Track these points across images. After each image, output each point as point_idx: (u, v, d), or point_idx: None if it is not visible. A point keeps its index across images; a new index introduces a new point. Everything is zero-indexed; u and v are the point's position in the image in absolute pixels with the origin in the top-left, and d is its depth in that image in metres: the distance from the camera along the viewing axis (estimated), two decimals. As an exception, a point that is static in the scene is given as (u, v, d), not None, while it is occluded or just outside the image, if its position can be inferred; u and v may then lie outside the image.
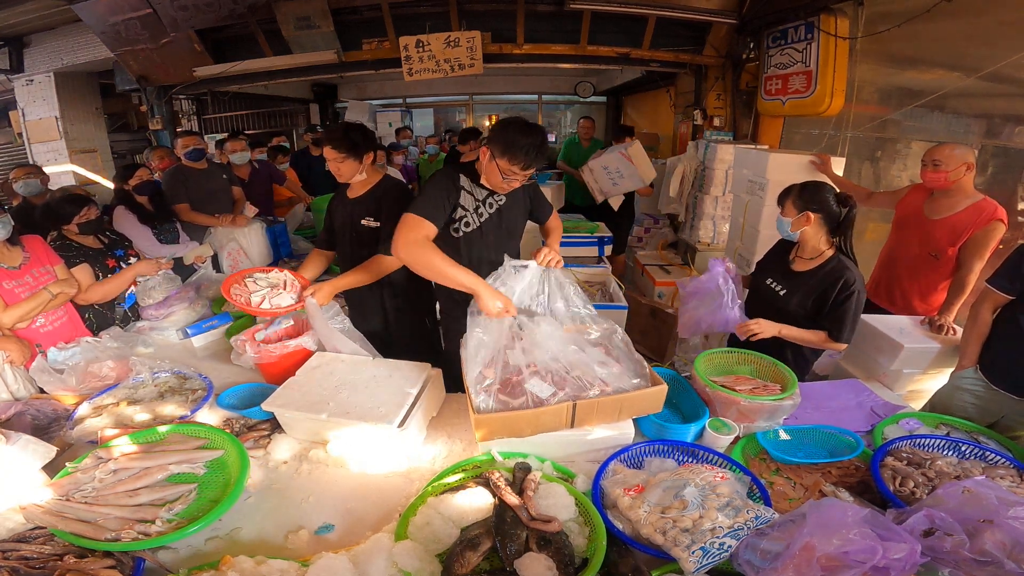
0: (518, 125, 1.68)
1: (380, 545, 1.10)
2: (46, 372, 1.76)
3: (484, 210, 1.87)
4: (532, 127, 1.68)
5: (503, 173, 1.70)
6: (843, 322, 1.80)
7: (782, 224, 1.92)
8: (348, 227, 2.12)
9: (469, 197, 1.85)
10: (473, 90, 9.03)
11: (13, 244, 1.95)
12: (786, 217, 1.89)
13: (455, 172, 1.85)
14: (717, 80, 4.73)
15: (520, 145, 1.64)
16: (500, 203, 1.90)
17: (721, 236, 4.22)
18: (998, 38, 2.63)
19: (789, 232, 1.90)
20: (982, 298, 1.83)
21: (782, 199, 1.92)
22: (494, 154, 1.69)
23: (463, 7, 4.35)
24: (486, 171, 1.77)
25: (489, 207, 1.88)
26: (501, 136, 1.68)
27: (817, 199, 1.83)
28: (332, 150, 1.96)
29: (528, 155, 1.66)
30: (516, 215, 1.99)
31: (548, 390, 1.40)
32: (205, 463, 1.39)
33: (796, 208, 1.85)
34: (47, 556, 1.10)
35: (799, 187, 1.88)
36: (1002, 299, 1.77)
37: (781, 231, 1.95)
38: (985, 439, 1.53)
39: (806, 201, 1.84)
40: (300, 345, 1.87)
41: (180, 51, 4.57)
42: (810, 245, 1.90)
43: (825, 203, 1.82)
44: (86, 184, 5.53)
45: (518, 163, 1.66)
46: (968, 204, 2.21)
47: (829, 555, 0.88)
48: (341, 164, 1.99)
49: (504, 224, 1.94)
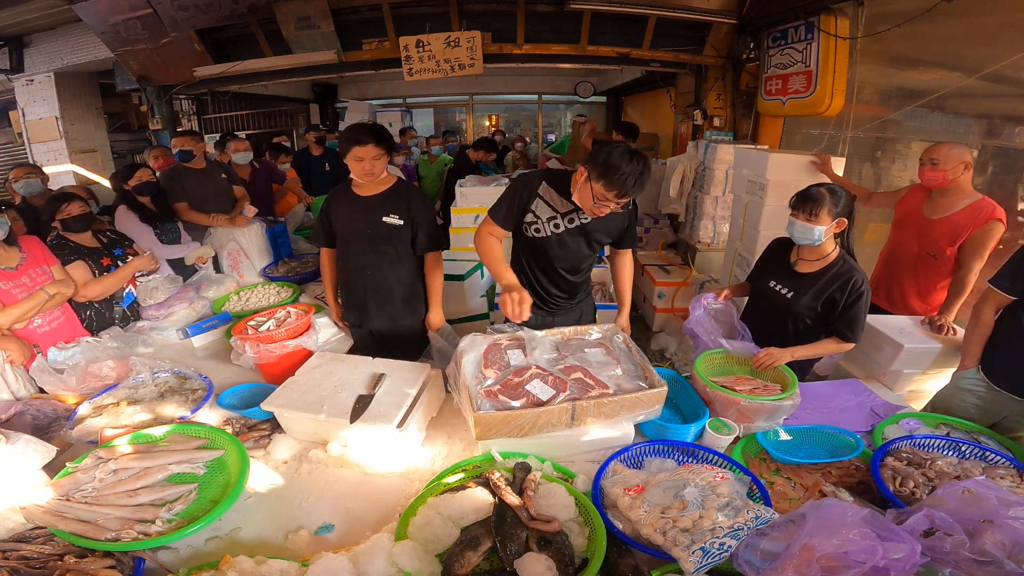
0: (621, 151, 1.60)
1: (380, 545, 1.10)
2: (46, 372, 1.77)
3: (562, 223, 1.86)
4: (635, 155, 1.60)
5: (596, 197, 1.65)
6: (855, 323, 1.81)
7: (811, 232, 1.79)
8: (363, 224, 2.10)
9: (545, 207, 1.85)
10: (473, 90, 9.03)
11: (10, 245, 1.95)
12: (820, 225, 1.78)
13: (538, 179, 1.86)
14: (717, 80, 4.73)
15: (620, 172, 1.57)
16: (584, 222, 1.85)
17: (721, 236, 4.22)
18: (998, 38, 2.63)
19: (820, 239, 1.80)
20: (984, 298, 1.83)
21: (812, 207, 1.78)
22: (591, 176, 1.65)
23: (463, 7, 4.35)
24: (580, 191, 1.73)
25: (569, 222, 1.86)
26: (602, 159, 1.61)
27: (849, 206, 1.79)
28: (375, 147, 1.98)
29: (626, 184, 1.58)
30: (599, 237, 1.93)
31: (548, 392, 1.40)
32: (205, 463, 1.39)
33: (831, 216, 1.77)
34: (47, 556, 1.10)
35: (829, 194, 1.77)
36: (1004, 299, 1.76)
37: (804, 238, 1.83)
38: (985, 439, 1.53)
39: (842, 209, 1.78)
40: (300, 345, 1.87)
41: (180, 51, 4.56)
42: (819, 247, 1.87)
43: (848, 207, 1.80)
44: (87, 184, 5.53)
45: (613, 190, 1.60)
46: (966, 204, 2.21)
47: (829, 555, 0.88)
48: (377, 161, 2.01)
49: (582, 242, 1.91)
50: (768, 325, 1.99)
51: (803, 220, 1.81)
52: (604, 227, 1.90)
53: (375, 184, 2.10)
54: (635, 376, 1.52)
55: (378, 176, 2.07)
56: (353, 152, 1.98)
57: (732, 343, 1.87)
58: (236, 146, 3.91)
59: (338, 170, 4.94)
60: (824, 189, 1.80)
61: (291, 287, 2.80)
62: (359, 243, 2.13)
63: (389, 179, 2.13)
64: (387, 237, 2.09)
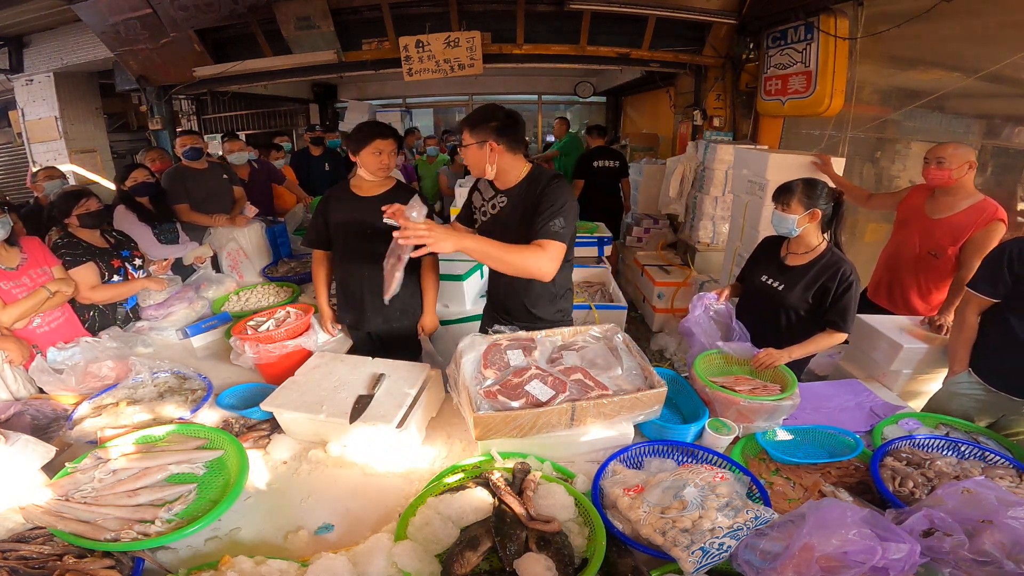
0: None
1: (379, 545, 1.10)
2: (46, 372, 1.76)
3: (488, 209, 1.87)
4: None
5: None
6: (847, 312, 1.85)
7: (785, 221, 1.91)
8: (364, 224, 2.08)
9: (479, 196, 1.91)
10: (473, 90, 9.02)
11: (11, 245, 1.95)
12: (792, 215, 1.89)
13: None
14: (717, 80, 4.73)
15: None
16: (502, 205, 1.81)
17: (721, 236, 4.22)
18: (998, 38, 2.63)
19: (794, 229, 1.91)
20: (965, 303, 1.84)
21: (784, 197, 1.91)
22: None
23: (463, 7, 4.35)
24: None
25: (492, 207, 1.86)
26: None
27: (822, 196, 1.88)
28: (393, 141, 2.03)
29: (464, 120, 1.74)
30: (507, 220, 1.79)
31: (548, 392, 1.40)
32: (205, 463, 1.39)
33: (803, 206, 1.87)
34: (46, 556, 1.10)
35: (803, 185, 1.89)
36: (986, 303, 1.77)
37: (782, 228, 1.95)
38: (985, 439, 1.53)
39: (813, 199, 1.87)
40: (300, 345, 1.87)
41: (180, 51, 4.56)
42: (805, 240, 1.95)
43: (827, 200, 1.88)
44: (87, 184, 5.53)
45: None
46: (969, 204, 2.21)
47: (828, 555, 0.88)
48: (391, 157, 2.05)
49: (498, 230, 1.77)
50: (761, 319, 2.02)
51: (779, 210, 1.93)
52: (512, 209, 1.78)
53: (377, 185, 2.11)
54: (635, 376, 1.52)
55: (391, 171, 2.10)
56: (375, 144, 2.00)
57: (729, 344, 1.88)
58: (232, 146, 3.91)
59: (337, 170, 4.94)
60: (800, 181, 1.91)
61: (291, 287, 2.80)
62: (359, 243, 2.13)
63: (390, 180, 2.15)
64: (387, 238, 2.08)
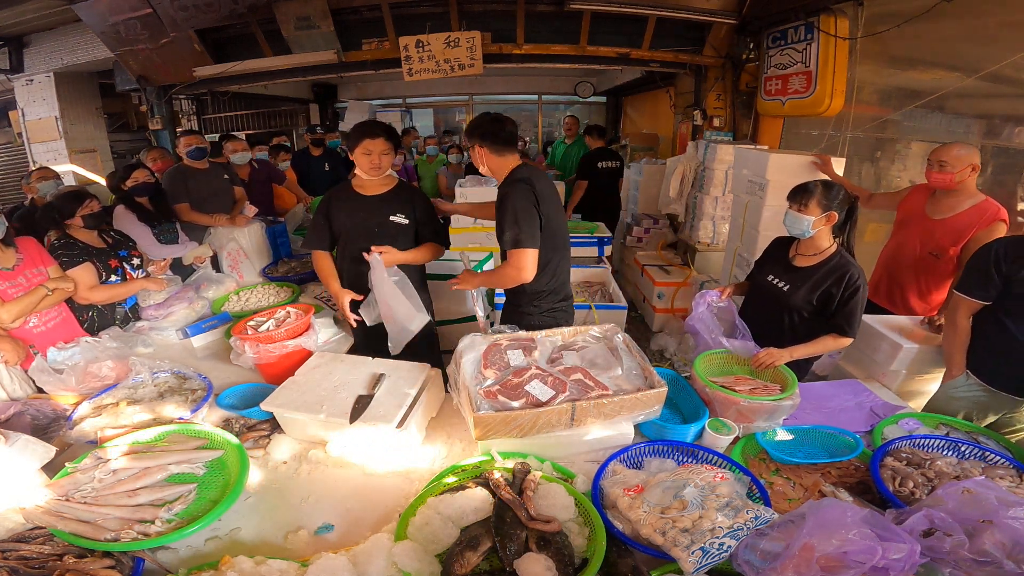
0: None
1: (379, 545, 1.10)
2: (45, 372, 1.76)
3: None
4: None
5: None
6: (852, 317, 1.82)
7: (800, 222, 1.86)
8: (369, 223, 2.11)
9: None
10: (473, 90, 9.02)
11: (7, 245, 1.95)
12: (808, 216, 1.84)
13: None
14: (717, 80, 4.73)
15: None
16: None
17: (721, 236, 4.22)
18: (998, 38, 2.63)
19: (808, 230, 1.86)
20: (956, 306, 1.83)
21: (802, 198, 1.85)
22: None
23: (463, 7, 4.35)
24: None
25: None
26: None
27: (840, 200, 1.84)
28: (386, 142, 2.02)
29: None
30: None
31: (548, 392, 1.40)
32: (205, 463, 1.39)
33: (821, 208, 1.83)
34: (46, 556, 1.10)
35: (822, 187, 1.84)
36: (977, 305, 1.77)
37: (795, 229, 1.90)
38: (985, 439, 1.53)
39: (831, 201, 1.83)
40: (300, 345, 1.87)
41: (180, 51, 4.56)
42: (816, 242, 1.91)
43: (843, 203, 1.84)
44: (86, 184, 5.53)
45: None
46: (971, 204, 2.21)
47: (828, 555, 0.88)
48: (384, 156, 2.04)
49: None
50: (765, 319, 2.01)
51: (794, 210, 1.88)
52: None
53: (379, 184, 2.11)
54: (635, 376, 1.52)
55: (384, 171, 2.09)
56: (363, 145, 2.00)
57: (732, 342, 1.87)
58: (234, 146, 3.92)
59: (337, 170, 4.94)
60: (820, 183, 1.86)
61: (291, 287, 2.80)
62: (364, 241, 2.13)
63: (392, 179, 2.15)
64: (394, 236, 2.11)
